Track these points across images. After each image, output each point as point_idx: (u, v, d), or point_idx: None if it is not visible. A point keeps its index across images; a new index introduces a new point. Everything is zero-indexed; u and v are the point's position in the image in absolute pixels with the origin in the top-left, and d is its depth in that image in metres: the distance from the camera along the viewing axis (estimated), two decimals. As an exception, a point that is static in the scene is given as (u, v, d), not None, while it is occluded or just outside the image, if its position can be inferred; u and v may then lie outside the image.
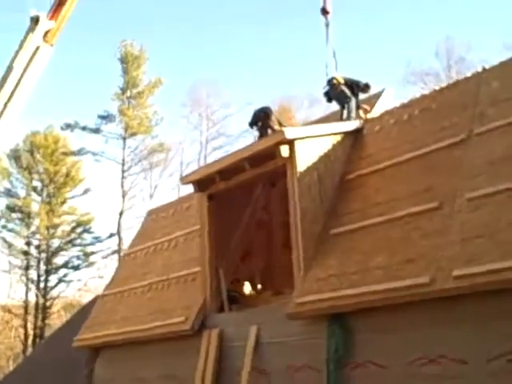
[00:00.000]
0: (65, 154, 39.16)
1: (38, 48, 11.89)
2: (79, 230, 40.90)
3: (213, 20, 52.40)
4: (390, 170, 8.55)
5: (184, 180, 10.90)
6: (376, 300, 7.10)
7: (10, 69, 11.86)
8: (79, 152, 39.27)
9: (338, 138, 9.50)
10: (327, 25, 11.34)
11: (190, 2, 50.93)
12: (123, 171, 37.02)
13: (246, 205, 10.98)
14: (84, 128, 38.57)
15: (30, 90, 12.08)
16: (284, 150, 8.79)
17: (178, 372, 10.00)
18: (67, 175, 39.66)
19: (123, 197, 36.38)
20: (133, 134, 37.48)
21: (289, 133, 8.78)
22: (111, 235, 39.30)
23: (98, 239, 40.99)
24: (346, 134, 9.62)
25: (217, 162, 10.28)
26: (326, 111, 37.60)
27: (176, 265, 11.50)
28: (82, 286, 40.45)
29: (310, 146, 9.04)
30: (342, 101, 10.50)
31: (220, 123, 39.62)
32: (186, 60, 53.24)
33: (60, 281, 40.48)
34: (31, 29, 11.93)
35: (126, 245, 37.42)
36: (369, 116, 10.09)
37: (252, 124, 11.51)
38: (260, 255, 11.00)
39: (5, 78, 11.79)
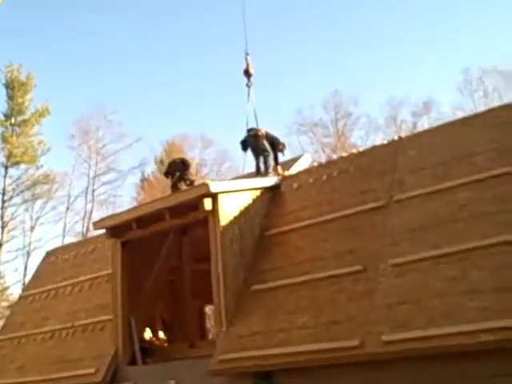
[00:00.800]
0: None
1: None
2: None
3: (108, 45, 51.46)
4: (311, 229, 8.76)
5: (97, 225, 10.55)
6: (303, 361, 7.19)
7: None
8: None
9: (258, 192, 9.65)
10: (249, 86, 11.55)
11: (86, 23, 49.51)
12: (3, 201, 35.16)
13: (157, 251, 10.80)
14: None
15: None
16: (207, 203, 8.79)
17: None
18: None
19: (2, 228, 34.48)
20: (16, 163, 35.81)
21: (213, 186, 8.80)
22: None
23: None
24: (265, 189, 9.79)
25: (134, 210, 10.11)
26: (219, 154, 38.10)
27: (81, 312, 11.05)
28: None
29: (232, 200, 9.11)
30: (260, 153, 10.69)
31: (110, 158, 38.75)
32: (77, 88, 51.83)
33: None
34: None
35: (4, 280, 35.51)
36: (286, 173, 10.34)
37: (168, 174, 11.45)
38: (171, 304, 10.85)
39: None
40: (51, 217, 37.55)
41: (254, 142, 10.81)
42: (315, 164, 10.41)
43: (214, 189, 8.77)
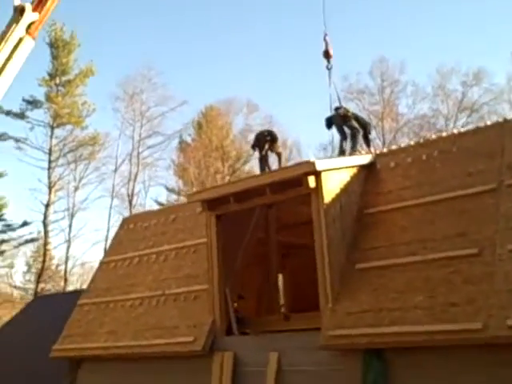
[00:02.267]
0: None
1: (20, 40, 11.26)
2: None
3: (153, 7, 51.16)
4: (414, 209, 8.83)
5: (193, 197, 10.74)
6: (420, 341, 7.35)
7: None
8: (0, 137, 37.43)
9: (354, 170, 9.71)
10: (329, 68, 11.48)
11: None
12: (50, 161, 35.61)
13: (246, 224, 10.97)
14: (8, 113, 36.81)
15: (9, 84, 11.47)
16: (311, 181, 8.89)
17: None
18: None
19: (50, 188, 35.01)
20: (62, 124, 36.14)
21: (318, 164, 8.88)
22: (24, 224, 37.84)
23: (9, 227, 39.32)
24: (361, 167, 9.85)
25: (234, 184, 10.23)
26: (264, 120, 37.93)
27: (170, 280, 11.31)
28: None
29: (333, 177, 9.20)
30: (345, 131, 10.74)
31: (154, 121, 38.90)
32: (121, 49, 51.79)
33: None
34: (15, 19, 11.25)
35: (51, 237, 36.18)
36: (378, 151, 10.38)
37: (255, 146, 11.55)
38: (259, 276, 11.06)
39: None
40: (94, 178, 38.05)
41: (341, 121, 10.83)
42: (411, 143, 10.41)
43: (319, 167, 8.85)
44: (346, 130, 10.84)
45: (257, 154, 11.63)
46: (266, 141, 11.22)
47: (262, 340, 9.34)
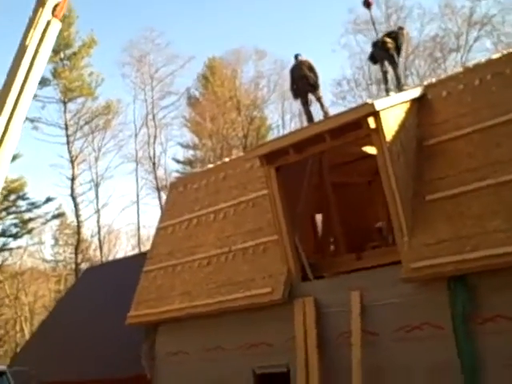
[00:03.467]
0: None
1: (48, 23, 11.29)
2: (12, 197, 39.49)
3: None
4: (476, 135, 8.95)
5: (251, 154, 10.91)
6: (505, 262, 7.60)
7: (23, 48, 11.21)
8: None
9: (408, 105, 9.81)
10: (371, 16, 11.56)
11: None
12: (68, 136, 35.79)
13: (301, 171, 11.13)
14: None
15: (43, 67, 11.55)
16: (371, 122, 9.03)
17: (268, 340, 10.29)
18: None
19: (72, 162, 35.31)
20: (73, 98, 36.16)
21: (377, 104, 8.99)
22: (48, 200, 38.36)
23: (34, 205, 39.82)
24: (413, 100, 9.94)
25: (292, 135, 10.38)
26: (275, 64, 37.88)
27: (235, 236, 11.59)
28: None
29: (390, 115, 9.32)
30: (390, 64, 10.82)
31: (165, 81, 38.84)
32: (120, 14, 51.17)
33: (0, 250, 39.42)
34: (41, 3, 11.26)
35: (82, 210, 36.65)
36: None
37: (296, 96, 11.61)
38: (326, 219, 11.32)
39: (20, 57, 11.16)
40: (112, 146, 38.28)
41: (381, 52, 10.87)
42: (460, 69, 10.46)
43: (378, 107, 8.97)
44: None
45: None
46: (307, 90, 11.26)
47: (340, 281, 9.66)
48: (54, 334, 17.72)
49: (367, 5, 11.38)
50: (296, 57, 11.41)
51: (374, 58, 11.18)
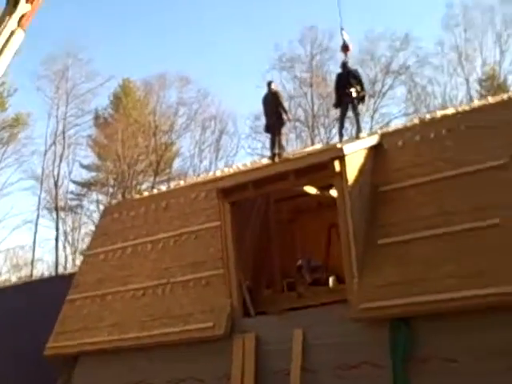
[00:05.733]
0: None
1: (12, 33, 11.45)
2: None
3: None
4: (429, 185, 9.72)
5: (208, 186, 11.29)
6: (452, 306, 8.27)
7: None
8: None
9: (366, 151, 10.53)
10: (346, 62, 12.23)
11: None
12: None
13: (250, 207, 11.58)
14: None
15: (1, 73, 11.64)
16: (337, 165, 9.66)
17: (199, 375, 10.50)
18: None
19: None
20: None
21: (346, 149, 9.66)
22: None
23: None
24: (371, 147, 10.68)
25: (254, 171, 10.84)
26: (198, 92, 39.17)
27: (174, 269, 11.82)
28: None
29: (352, 160, 9.99)
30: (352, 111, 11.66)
31: (80, 98, 38.89)
32: (42, 27, 50.73)
33: None
34: (8, 12, 11.42)
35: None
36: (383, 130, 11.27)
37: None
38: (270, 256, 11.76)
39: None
40: (12, 162, 37.75)
41: (347, 99, 11.65)
42: (415, 121, 11.32)
43: (346, 151, 9.62)
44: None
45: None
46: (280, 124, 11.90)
47: (283, 318, 10.05)
48: None
49: (345, 50, 12.15)
50: (269, 84, 12.05)
51: (338, 103, 11.89)
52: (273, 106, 11.98)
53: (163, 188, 15.66)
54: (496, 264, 8.23)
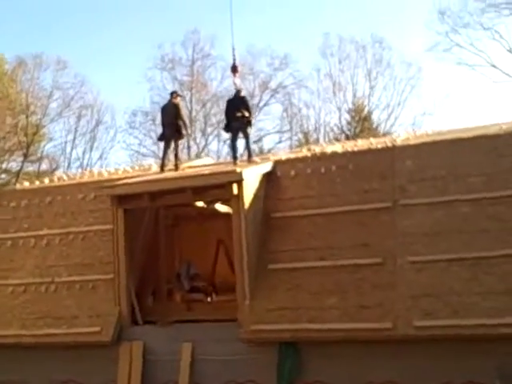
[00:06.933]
0: None
1: None
2: None
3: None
4: (319, 218, 10.77)
5: (103, 191, 11.51)
6: (337, 336, 9.37)
7: None
8: None
9: (260, 177, 11.37)
10: (236, 83, 13.10)
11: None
12: None
13: (141, 217, 12.06)
14: None
15: None
16: (235, 188, 10.40)
17: (81, 379, 10.92)
18: None
19: None
20: None
21: (244, 173, 10.40)
22: None
23: None
24: (264, 173, 11.54)
25: (152, 183, 11.14)
26: (76, 78, 38.05)
27: (59, 268, 12.04)
28: None
29: (249, 184, 10.76)
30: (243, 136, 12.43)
31: None
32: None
33: None
34: None
35: None
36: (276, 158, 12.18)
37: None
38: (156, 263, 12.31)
39: None
40: None
41: (237, 125, 12.32)
42: (308, 154, 12.31)
43: (244, 176, 10.36)
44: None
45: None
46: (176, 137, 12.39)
47: (173, 330, 10.69)
48: None
49: (234, 71, 12.84)
50: (172, 94, 12.56)
51: (228, 127, 12.54)
52: (172, 117, 12.42)
53: (46, 181, 15.53)
54: (375, 300, 9.44)
